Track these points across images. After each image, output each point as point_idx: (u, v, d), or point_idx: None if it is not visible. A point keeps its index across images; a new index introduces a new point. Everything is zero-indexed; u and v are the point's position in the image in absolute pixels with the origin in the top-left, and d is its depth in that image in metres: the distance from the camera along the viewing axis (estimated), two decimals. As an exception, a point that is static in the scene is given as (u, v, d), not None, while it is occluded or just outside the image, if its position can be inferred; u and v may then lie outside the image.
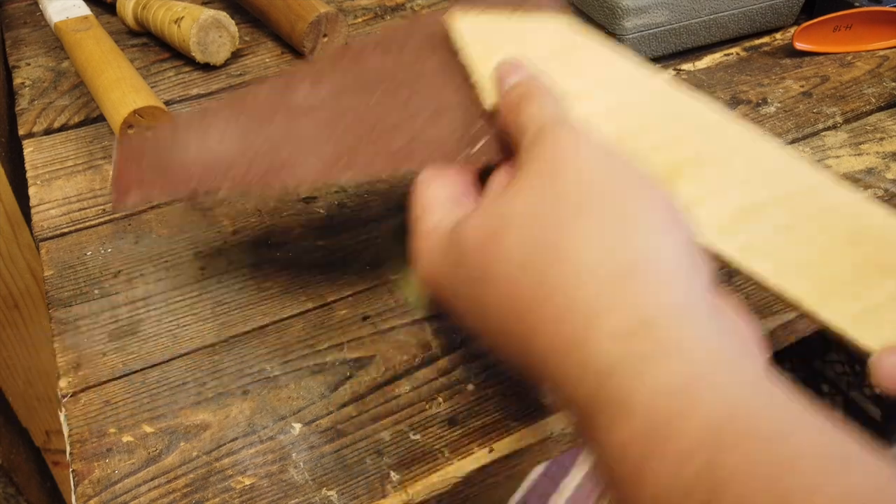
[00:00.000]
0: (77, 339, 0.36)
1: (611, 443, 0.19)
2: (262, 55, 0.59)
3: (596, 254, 0.22)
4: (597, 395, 0.20)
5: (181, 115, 0.33)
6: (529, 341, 0.23)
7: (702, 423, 0.18)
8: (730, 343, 0.21)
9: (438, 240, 0.27)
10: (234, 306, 0.38)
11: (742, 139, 0.31)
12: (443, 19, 0.36)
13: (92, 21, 0.57)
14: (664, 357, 0.20)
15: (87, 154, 0.48)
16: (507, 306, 0.24)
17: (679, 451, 0.18)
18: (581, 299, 0.21)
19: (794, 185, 0.29)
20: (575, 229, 0.23)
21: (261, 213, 0.43)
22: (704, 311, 0.21)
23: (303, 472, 0.30)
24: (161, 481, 0.30)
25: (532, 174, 0.25)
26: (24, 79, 0.55)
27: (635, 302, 0.21)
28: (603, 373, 0.20)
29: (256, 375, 0.34)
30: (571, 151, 0.25)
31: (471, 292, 0.25)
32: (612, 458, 0.19)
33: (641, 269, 0.22)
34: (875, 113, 0.52)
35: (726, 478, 0.17)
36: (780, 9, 0.59)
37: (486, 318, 0.25)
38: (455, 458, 0.31)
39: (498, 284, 0.24)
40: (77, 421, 0.32)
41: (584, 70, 0.34)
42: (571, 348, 0.21)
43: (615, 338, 0.20)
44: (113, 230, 0.42)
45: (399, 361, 0.35)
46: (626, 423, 0.19)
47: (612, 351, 0.20)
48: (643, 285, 0.21)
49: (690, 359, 0.19)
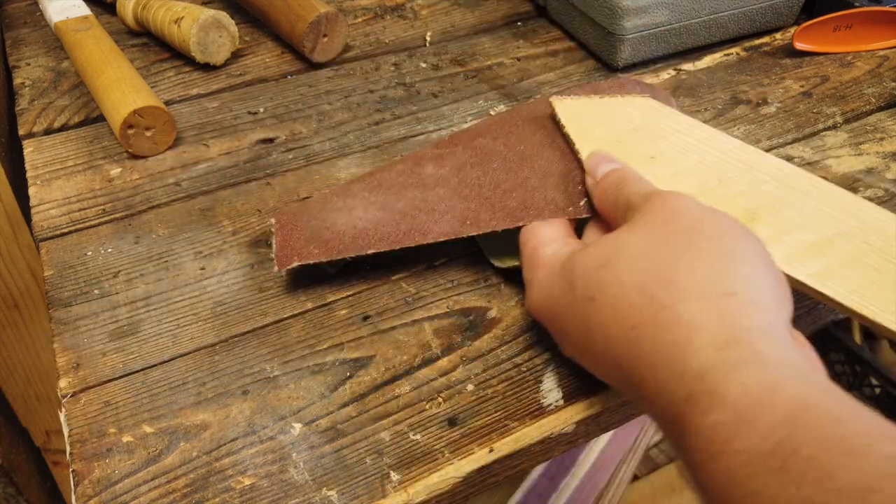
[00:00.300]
0: (77, 339, 0.36)
1: (705, 425, 0.23)
2: (262, 55, 0.59)
3: (701, 279, 0.27)
4: (693, 389, 0.24)
5: (324, 195, 0.40)
6: (632, 352, 0.27)
7: (779, 411, 0.22)
8: (801, 360, 0.25)
9: (554, 267, 0.32)
10: (234, 306, 0.38)
11: (809, 184, 0.36)
12: (548, 102, 0.42)
13: (92, 21, 0.57)
14: (750, 364, 0.24)
15: (87, 154, 0.48)
16: (615, 322, 0.28)
17: (761, 430, 0.22)
18: (685, 316, 0.26)
19: (856, 221, 0.34)
20: (685, 261, 0.27)
21: (261, 213, 0.43)
22: (783, 335, 0.26)
23: (303, 472, 0.30)
24: (161, 481, 0.30)
25: (645, 223, 0.29)
26: (24, 79, 0.55)
27: (731, 320, 0.25)
28: (700, 374, 0.24)
29: (256, 375, 0.34)
30: (681, 205, 0.29)
31: (580, 311, 0.29)
32: (706, 437, 0.23)
33: (738, 294, 0.26)
34: (875, 113, 0.52)
35: (798, 447, 0.21)
36: (780, 9, 0.59)
37: (591, 334, 0.29)
38: (455, 458, 0.31)
39: (608, 303, 0.28)
40: (77, 421, 0.32)
41: (667, 137, 0.39)
42: (674, 355, 0.25)
43: (711, 347, 0.25)
44: (113, 230, 0.42)
45: (399, 361, 0.35)
46: (720, 409, 0.23)
47: (709, 357, 0.24)
48: (738, 308, 0.26)
49: (771, 367, 0.24)
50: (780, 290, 0.28)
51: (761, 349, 0.24)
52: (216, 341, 0.36)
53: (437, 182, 0.40)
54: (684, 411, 0.24)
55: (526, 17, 0.64)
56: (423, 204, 0.39)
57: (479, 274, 0.40)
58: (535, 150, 0.40)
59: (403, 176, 0.41)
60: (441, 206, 0.38)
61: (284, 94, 0.54)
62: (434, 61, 0.58)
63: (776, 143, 0.49)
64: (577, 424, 0.33)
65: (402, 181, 0.40)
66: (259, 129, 0.50)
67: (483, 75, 0.56)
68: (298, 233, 0.38)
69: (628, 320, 0.27)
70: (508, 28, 0.63)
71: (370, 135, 0.50)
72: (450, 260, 0.40)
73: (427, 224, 0.38)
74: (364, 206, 0.39)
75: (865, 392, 1.02)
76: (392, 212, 0.38)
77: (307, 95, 0.54)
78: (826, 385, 0.24)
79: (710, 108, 0.52)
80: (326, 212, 0.39)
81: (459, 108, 0.52)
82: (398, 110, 0.52)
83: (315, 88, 0.55)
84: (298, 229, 0.38)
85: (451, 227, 0.37)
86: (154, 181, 0.46)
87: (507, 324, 0.37)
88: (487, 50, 0.59)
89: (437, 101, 0.53)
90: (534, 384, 0.34)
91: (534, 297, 0.33)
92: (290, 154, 0.48)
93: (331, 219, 0.39)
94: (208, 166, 0.47)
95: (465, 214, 0.38)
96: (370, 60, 0.58)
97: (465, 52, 0.59)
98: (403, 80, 0.56)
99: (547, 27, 0.63)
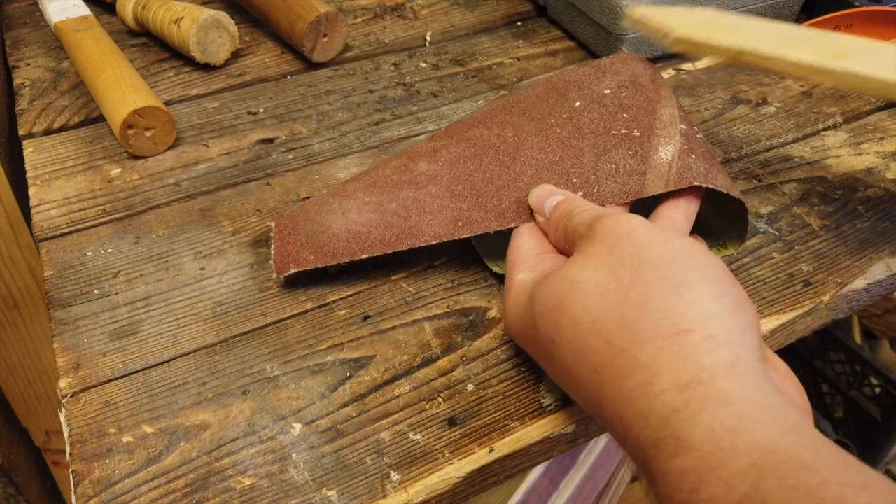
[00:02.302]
0: (77, 339, 0.36)
1: (671, 471, 0.23)
2: (261, 55, 0.59)
3: (653, 318, 0.25)
4: (659, 434, 0.24)
5: (321, 196, 0.40)
6: (599, 392, 0.26)
7: (746, 458, 0.21)
8: (771, 394, 0.24)
9: (520, 295, 0.31)
10: (234, 306, 0.38)
11: None
12: (547, 82, 0.42)
13: (92, 21, 0.57)
14: (715, 406, 0.23)
15: (87, 154, 0.48)
16: (577, 365, 0.27)
17: (727, 478, 0.21)
18: (643, 360, 0.25)
19: None
20: (633, 297, 0.26)
21: (261, 213, 0.43)
22: (751, 367, 0.24)
23: (303, 473, 0.30)
24: (161, 481, 0.30)
25: (591, 254, 0.29)
26: (24, 79, 0.55)
27: (689, 360, 0.24)
28: (664, 417, 0.24)
29: (256, 375, 0.34)
30: (622, 230, 0.29)
31: (546, 350, 0.29)
32: (672, 485, 0.23)
33: (694, 332, 0.25)
34: (875, 112, 0.52)
35: (767, 498, 0.20)
36: (780, 9, 0.59)
37: (560, 374, 0.29)
38: (455, 458, 0.31)
39: (567, 346, 0.27)
40: (77, 421, 0.32)
41: None
42: (636, 399, 0.25)
43: (673, 390, 0.24)
44: (113, 230, 0.42)
45: (399, 361, 0.35)
46: (685, 455, 0.22)
47: (672, 400, 0.24)
48: (695, 346, 0.24)
49: (737, 407, 0.23)
50: (742, 316, 0.26)
51: (726, 388, 0.23)
52: (216, 341, 0.36)
53: (429, 179, 0.39)
54: (651, 456, 0.24)
55: (526, 17, 0.64)
56: (416, 204, 0.38)
57: (478, 274, 0.40)
58: (528, 139, 0.39)
59: (398, 173, 0.40)
60: (434, 206, 0.38)
61: (284, 94, 0.54)
62: (434, 61, 0.58)
63: (776, 143, 0.49)
64: (577, 424, 0.33)
65: (396, 179, 0.40)
66: (259, 129, 0.50)
67: (483, 75, 0.56)
68: (295, 238, 0.38)
69: (590, 364, 0.27)
70: (508, 28, 0.63)
71: (370, 135, 0.50)
72: (450, 260, 0.40)
73: (419, 226, 0.37)
74: (358, 207, 0.39)
75: (865, 392, 1.02)
76: (385, 213, 0.38)
77: (307, 95, 0.54)
78: (794, 418, 0.22)
79: (710, 108, 0.52)
80: (323, 214, 0.39)
81: (459, 108, 0.52)
82: (398, 110, 0.52)
83: (315, 88, 0.55)
84: (295, 234, 0.38)
85: (444, 229, 0.37)
86: (154, 181, 0.46)
87: (507, 324, 0.37)
88: (487, 50, 0.59)
89: (437, 101, 0.53)
90: (534, 384, 0.34)
91: (508, 321, 0.32)
92: (290, 154, 0.48)
93: (326, 222, 0.38)
94: (208, 166, 0.47)
95: (457, 215, 0.37)
96: (370, 60, 0.58)
97: (464, 52, 0.59)
98: (403, 80, 0.56)
99: (547, 27, 0.63)
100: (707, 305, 0.25)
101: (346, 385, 0.34)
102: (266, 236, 0.42)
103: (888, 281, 0.40)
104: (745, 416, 0.22)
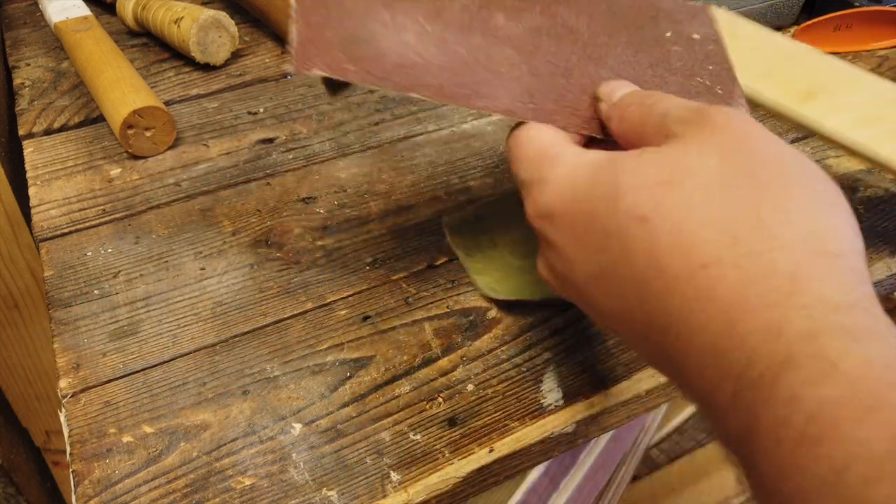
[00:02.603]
0: (77, 339, 0.36)
1: (805, 397, 0.19)
2: (262, 55, 0.59)
3: (802, 230, 0.22)
4: (793, 351, 0.20)
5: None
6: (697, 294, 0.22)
7: None
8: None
9: (583, 167, 0.26)
10: (234, 306, 0.38)
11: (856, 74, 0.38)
12: None
13: (92, 21, 0.57)
14: (872, 337, 0.20)
15: (87, 154, 0.48)
16: (676, 255, 0.23)
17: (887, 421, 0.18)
18: (783, 265, 0.21)
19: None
20: (779, 204, 0.23)
21: (261, 213, 0.43)
22: None
23: (303, 473, 0.30)
24: (161, 481, 0.30)
25: (710, 144, 0.24)
26: (24, 79, 0.56)
27: (843, 283, 0.21)
28: (809, 333, 0.20)
29: (256, 375, 0.34)
30: (753, 131, 0.25)
31: (620, 229, 0.24)
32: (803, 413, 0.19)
33: (845, 258, 0.22)
34: (875, 113, 0.52)
35: None
36: (780, 9, 0.59)
37: (630, 260, 0.24)
38: (455, 458, 0.31)
39: (668, 229, 0.23)
40: (77, 421, 0.32)
41: None
42: (767, 307, 0.21)
43: (825, 306, 0.20)
44: (113, 230, 0.42)
45: (399, 361, 0.35)
46: (831, 383, 0.19)
47: (823, 316, 0.20)
48: (849, 271, 0.22)
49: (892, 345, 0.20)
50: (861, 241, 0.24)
51: (880, 320, 0.20)
52: (216, 341, 0.36)
53: (508, 38, 0.34)
54: (776, 374, 0.20)
55: (526, 17, 0.64)
56: (487, 59, 0.33)
57: (479, 274, 0.40)
58: (617, 49, 0.35)
59: (469, 14, 0.34)
60: (509, 73, 0.32)
61: (284, 94, 0.54)
62: (434, 61, 0.58)
63: (776, 143, 0.49)
64: (577, 424, 0.33)
65: (468, 21, 0.34)
66: (259, 129, 0.50)
67: (483, 75, 0.56)
68: (324, 27, 0.31)
69: (697, 257, 0.22)
70: (508, 28, 0.63)
71: (370, 135, 0.50)
72: (450, 260, 0.40)
73: (487, 86, 0.32)
74: (418, 32, 0.32)
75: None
76: (451, 55, 0.32)
77: (307, 95, 0.54)
78: None
79: (710, 108, 0.52)
80: (368, 19, 0.32)
81: (459, 108, 0.52)
82: (398, 110, 0.52)
83: (315, 88, 0.55)
84: (326, 21, 0.31)
85: (512, 102, 0.32)
86: (154, 181, 0.46)
87: (507, 324, 0.37)
88: (487, 50, 0.59)
89: (437, 101, 0.53)
90: (534, 384, 0.34)
91: (547, 196, 0.27)
92: (290, 154, 0.48)
93: (371, 30, 0.31)
94: (208, 166, 0.47)
95: (531, 90, 0.32)
96: (370, 60, 0.58)
97: (464, 52, 0.59)
98: (403, 80, 0.56)
99: (547, 27, 0.63)
100: (856, 237, 0.23)
101: (347, 385, 0.34)
102: (266, 236, 0.42)
103: (888, 281, 0.40)
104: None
